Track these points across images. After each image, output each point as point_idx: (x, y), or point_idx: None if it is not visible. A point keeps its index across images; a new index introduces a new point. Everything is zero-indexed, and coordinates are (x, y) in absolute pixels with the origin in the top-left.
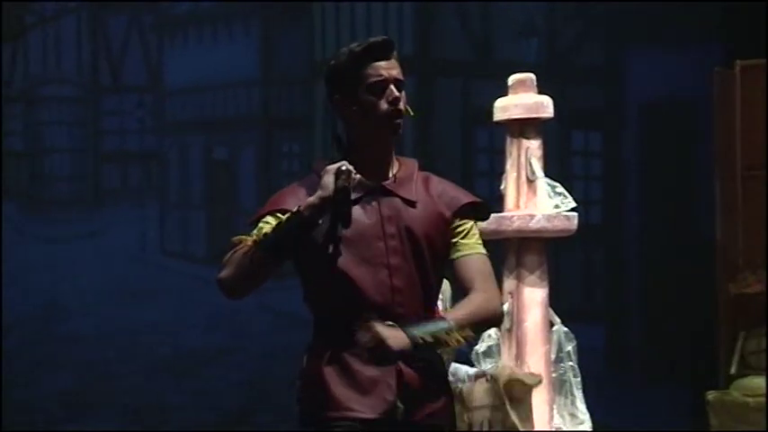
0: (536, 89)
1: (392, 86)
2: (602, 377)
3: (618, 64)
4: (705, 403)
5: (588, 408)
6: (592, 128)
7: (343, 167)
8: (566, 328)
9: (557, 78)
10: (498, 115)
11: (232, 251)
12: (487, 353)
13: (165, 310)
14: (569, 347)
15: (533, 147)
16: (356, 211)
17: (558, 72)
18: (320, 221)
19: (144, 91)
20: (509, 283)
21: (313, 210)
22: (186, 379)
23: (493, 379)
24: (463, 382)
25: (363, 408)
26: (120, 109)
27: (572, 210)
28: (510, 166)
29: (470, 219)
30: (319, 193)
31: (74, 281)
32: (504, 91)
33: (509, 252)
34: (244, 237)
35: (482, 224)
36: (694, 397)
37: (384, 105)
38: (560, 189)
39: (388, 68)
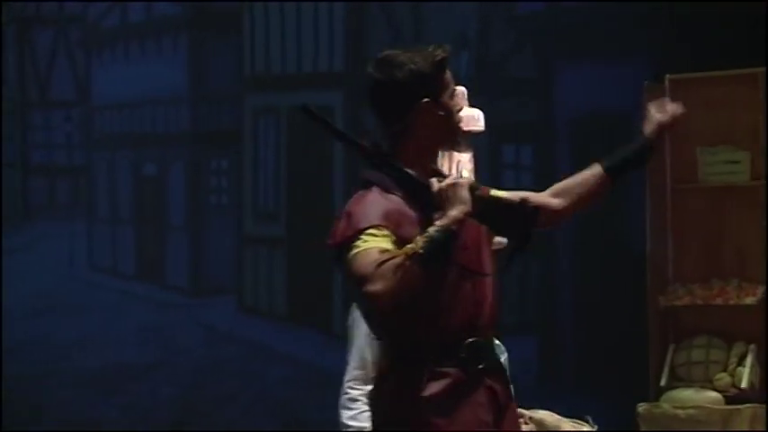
0: (467, 102)
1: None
2: (535, 389)
3: (549, 77)
4: (636, 415)
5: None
6: (523, 141)
7: (472, 182)
8: (497, 341)
9: (488, 92)
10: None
11: (379, 263)
12: None
13: (94, 326)
14: (501, 359)
15: (464, 160)
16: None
17: (489, 85)
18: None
19: (72, 106)
20: None
21: (459, 224)
22: (115, 394)
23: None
24: None
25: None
26: (47, 124)
27: None
28: None
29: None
30: (462, 207)
31: (1, 295)
32: None
33: None
34: (388, 249)
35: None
36: (625, 409)
37: (458, 114)
38: None
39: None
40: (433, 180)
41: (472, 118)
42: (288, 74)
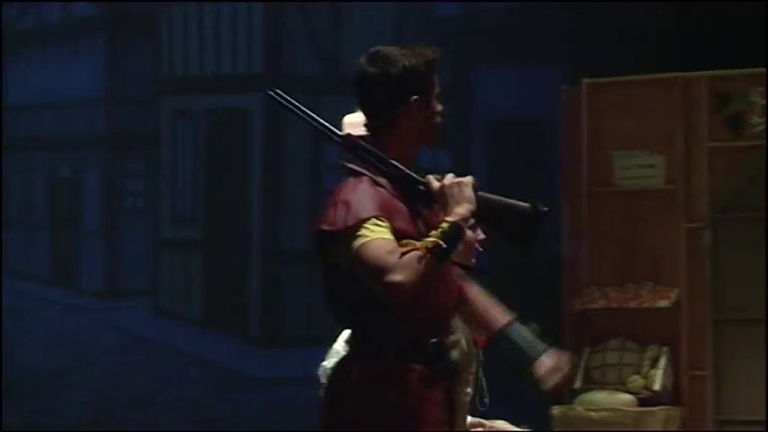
0: None
1: None
2: None
3: (465, 81)
4: (550, 418)
5: None
6: (440, 145)
7: (474, 181)
8: None
9: None
10: (348, 131)
11: (400, 255)
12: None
13: (7, 330)
14: None
15: None
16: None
17: None
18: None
19: None
20: None
21: (466, 222)
22: (27, 399)
23: None
24: None
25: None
26: None
27: None
28: None
29: None
30: (468, 206)
31: None
32: (352, 107)
33: None
34: (411, 242)
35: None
36: (539, 411)
37: (437, 118)
38: None
39: None
40: (431, 177)
41: None
42: (206, 76)
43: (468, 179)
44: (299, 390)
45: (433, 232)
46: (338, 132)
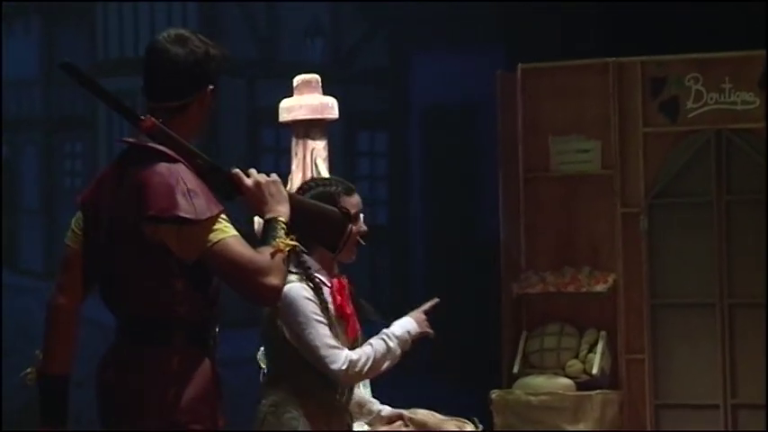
0: (321, 90)
1: None
2: (387, 376)
3: (402, 65)
4: (489, 402)
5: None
6: (377, 129)
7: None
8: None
9: (342, 80)
10: (283, 116)
11: (270, 257)
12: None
13: None
14: None
15: (319, 147)
16: None
17: (344, 73)
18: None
19: None
20: None
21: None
22: None
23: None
24: (369, 415)
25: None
26: None
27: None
28: (296, 166)
29: None
30: (287, 205)
31: None
32: (289, 91)
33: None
34: (282, 241)
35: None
36: (478, 395)
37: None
38: None
39: None
40: (239, 171)
41: (326, 106)
42: (141, 58)
43: (277, 178)
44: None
45: (279, 233)
46: (137, 115)
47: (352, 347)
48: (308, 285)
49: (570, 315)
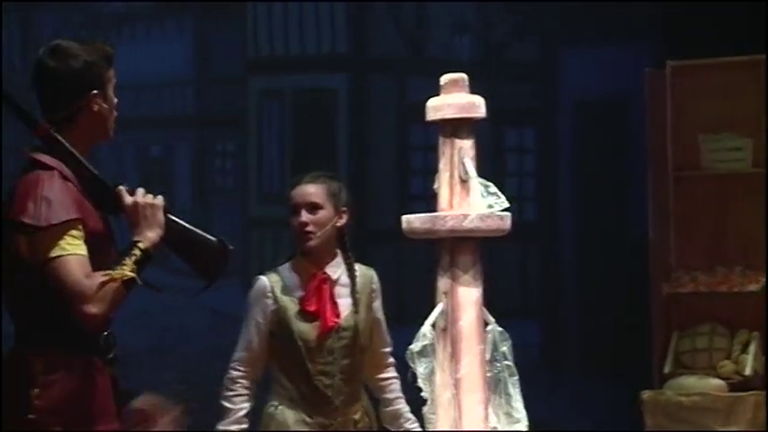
0: (468, 89)
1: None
2: (538, 375)
3: (552, 61)
4: (639, 402)
5: (525, 406)
6: (526, 125)
7: (164, 203)
8: (500, 328)
9: (490, 76)
10: (431, 115)
11: (100, 284)
12: (422, 352)
13: None
14: (504, 347)
15: (466, 146)
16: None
17: (492, 69)
18: None
19: None
20: (443, 283)
21: (156, 248)
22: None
23: None
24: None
25: (111, 419)
26: None
27: (505, 209)
28: (443, 165)
29: None
30: (159, 231)
31: None
32: (437, 89)
33: (443, 252)
34: (111, 272)
35: (416, 224)
36: (629, 395)
37: (114, 112)
38: (493, 189)
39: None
40: (122, 189)
41: (473, 105)
42: (291, 56)
43: (160, 201)
44: None
45: (127, 260)
46: (35, 120)
47: (321, 344)
48: (270, 283)
49: (721, 315)
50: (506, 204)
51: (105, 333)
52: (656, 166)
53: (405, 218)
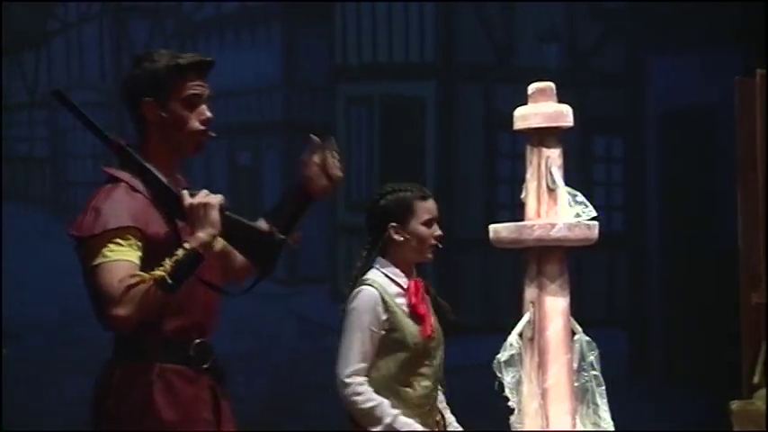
0: (555, 98)
1: (204, 105)
2: (626, 384)
3: (639, 69)
4: (729, 413)
5: (612, 416)
6: (614, 134)
7: (222, 201)
8: (587, 338)
9: (577, 83)
10: (518, 124)
11: (128, 286)
12: (509, 362)
13: None
14: (591, 357)
15: (553, 156)
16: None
17: (579, 77)
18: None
19: None
20: (530, 292)
21: (207, 247)
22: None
23: None
24: None
25: (189, 428)
26: None
27: (592, 219)
28: (530, 174)
29: None
30: (211, 230)
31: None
32: (525, 97)
33: (530, 261)
34: (142, 274)
35: (503, 233)
36: (718, 406)
37: (195, 123)
38: (581, 198)
39: (203, 87)
40: (186, 193)
41: (561, 114)
42: (379, 63)
43: (216, 199)
44: (478, 377)
45: (167, 261)
46: (108, 137)
47: (426, 347)
48: (378, 291)
49: None
50: (594, 213)
51: (197, 342)
52: (745, 176)
53: (492, 227)
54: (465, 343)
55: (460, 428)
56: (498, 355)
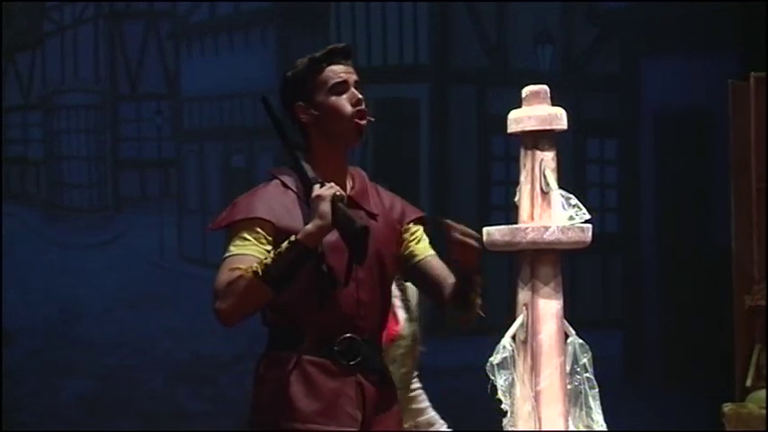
0: (549, 101)
1: (353, 89)
2: (620, 385)
3: (633, 71)
4: (721, 415)
5: (606, 418)
6: (607, 136)
7: (338, 193)
8: (581, 340)
9: (571, 86)
10: (512, 127)
11: (229, 281)
12: (502, 364)
13: (184, 316)
14: (585, 360)
15: (547, 158)
16: None
17: (574, 80)
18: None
19: (162, 98)
20: (524, 295)
21: (316, 239)
22: (204, 386)
23: None
24: None
25: (327, 421)
26: (137, 116)
27: (586, 221)
28: (524, 177)
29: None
30: (318, 222)
31: (92, 286)
32: (518, 99)
33: (523, 264)
34: (241, 267)
35: (496, 235)
36: (710, 408)
37: (347, 107)
38: (574, 201)
39: (347, 72)
40: (317, 186)
41: (555, 117)
42: (373, 66)
43: (328, 192)
44: (470, 379)
45: (271, 253)
46: (288, 142)
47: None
48: None
49: None
50: (588, 216)
51: (344, 337)
52: (738, 178)
53: (485, 229)
54: (458, 345)
55: (450, 430)
56: (491, 358)
